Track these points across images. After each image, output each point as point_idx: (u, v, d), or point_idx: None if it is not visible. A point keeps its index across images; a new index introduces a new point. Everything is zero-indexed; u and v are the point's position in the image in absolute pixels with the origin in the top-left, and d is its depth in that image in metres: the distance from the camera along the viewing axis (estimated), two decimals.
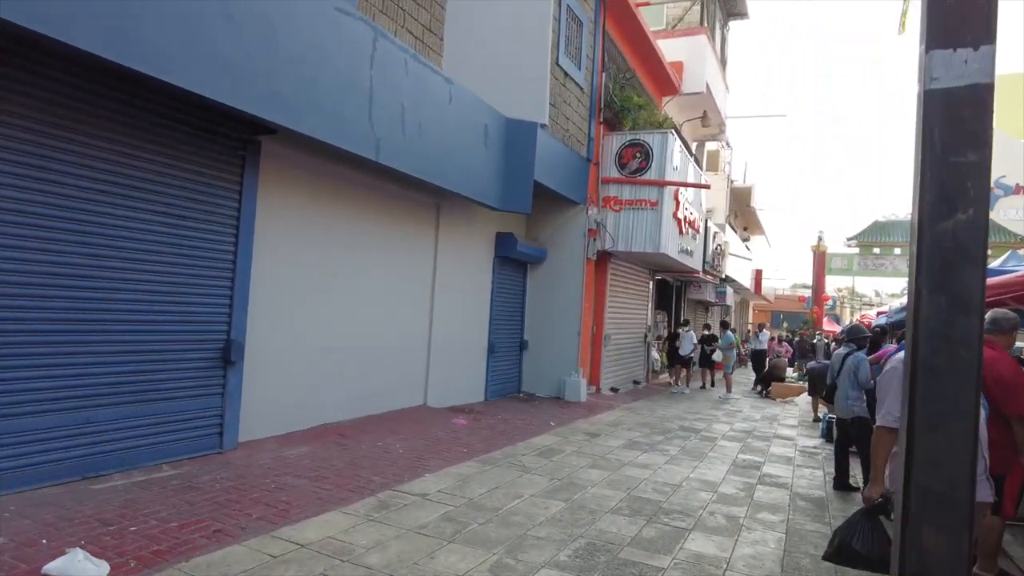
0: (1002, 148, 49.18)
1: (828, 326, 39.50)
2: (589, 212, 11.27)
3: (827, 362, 14.39)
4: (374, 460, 5.96)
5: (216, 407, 5.65)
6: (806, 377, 16.19)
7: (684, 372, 14.95)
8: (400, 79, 6.80)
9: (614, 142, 11.81)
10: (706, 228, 15.73)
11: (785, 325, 49.10)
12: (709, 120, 18.07)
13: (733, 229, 25.74)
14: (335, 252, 7.20)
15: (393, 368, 8.18)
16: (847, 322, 48.69)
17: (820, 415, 11.31)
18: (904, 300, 14.19)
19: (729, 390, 14.44)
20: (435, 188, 8.03)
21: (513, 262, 10.95)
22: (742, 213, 32.85)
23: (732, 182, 29.96)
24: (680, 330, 15.12)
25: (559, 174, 10.22)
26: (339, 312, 7.28)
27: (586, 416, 9.61)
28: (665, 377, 16.39)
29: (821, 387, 11.57)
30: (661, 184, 11.40)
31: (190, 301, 5.44)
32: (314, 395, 6.92)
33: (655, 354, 16.64)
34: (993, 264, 7.19)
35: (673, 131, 11.68)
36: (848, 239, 40.40)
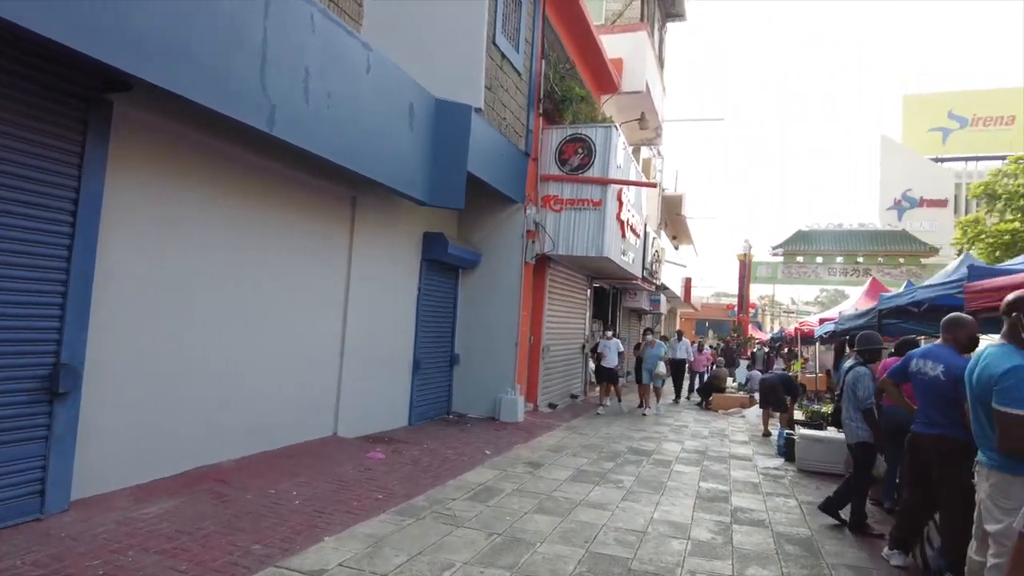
0: (909, 163, 51.80)
1: (754, 334, 40.20)
2: (527, 212, 10.20)
3: (782, 372, 13.91)
4: (259, 517, 4.60)
5: (36, 456, 4.16)
6: (746, 387, 15.70)
7: (611, 388, 12.70)
8: (304, 36, 5.50)
9: (554, 136, 10.80)
10: (645, 233, 14.98)
11: (711, 333, 49.91)
12: (647, 123, 17.39)
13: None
14: (218, 250, 5.78)
15: (295, 393, 6.79)
16: (773, 330, 49.92)
17: (772, 430, 10.63)
18: (845, 306, 13.84)
19: (646, 404, 12.86)
20: (350, 176, 6.74)
21: (443, 266, 9.73)
22: (672, 222, 32.75)
23: (664, 190, 29.80)
24: (601, 340, 12.95)
25: (495, 167, 9.09)
26: (221, 326, 5.85)
27: (525, 440, 8.48)
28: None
29: (772, 400, 10.96)
30: (605, 182, 10.47)
31: None
32: (186, 430, 5.47)
33: (593, 365, 15.73)
34: (944, 271, 6.61)
35: (617, 126, 10.79)
36: (773, 248, 41.30)
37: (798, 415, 14.06)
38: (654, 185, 12.12)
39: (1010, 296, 3.12)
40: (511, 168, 9.68)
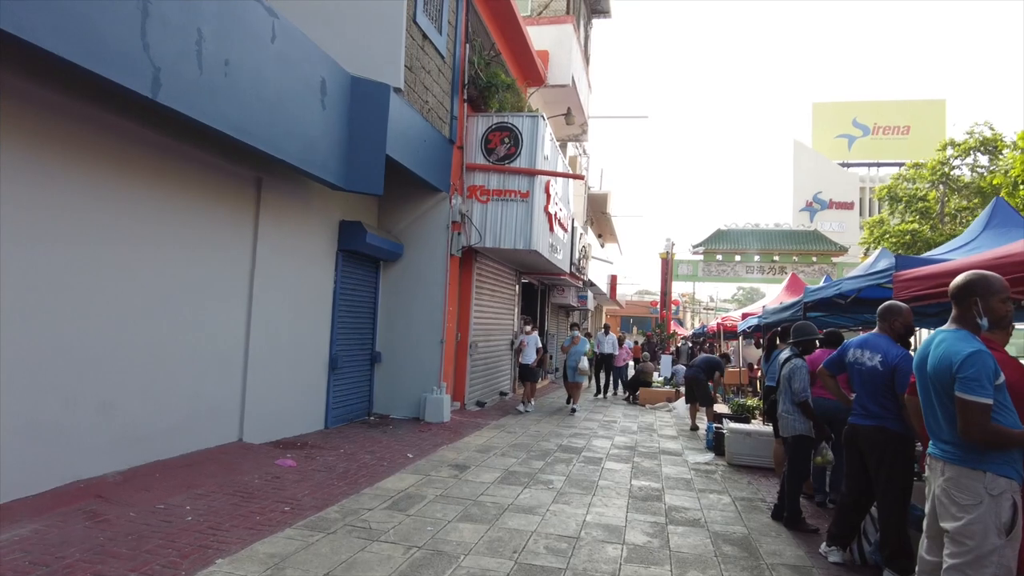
0: (819, 167, 54.45)
1: (676, 330, 41.19)
2: (453, 202, 9.75)
3: (705, 356, 13.95)
4: (140, 539, 3.97)
5: None
6: (672, 381, 15.81)
7: (528, 387, 11.82)
8: None
9: (479, 124, 10.40)
10: (573, 228, 14.82)
11: (636, 329, 50.87)
12: (573, 118, 17.23)
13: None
14: (102, 236, 5.05)
15: (193, 395, 6.09)
16: (695, 326, 51.26)
17: (699, 424, 10.62)
18: (769, 302, 14.14)
19: (575, 400, 12.33)
20: (254, 156, 6.13)
21: (362, 258, 9.14)
22: (598, 220, 33.04)
23: (589, 188, 29.97)
24: (520, 335, 12.23)
25: (418, 153, 8.60)
26: (105, 320, 5.12)
27: (451, 440, 8.03)
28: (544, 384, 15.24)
29: (698, 394, 10.97)
30: (532, 173, 10.15)
31: None
32: (59, 438, 4.73)
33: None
34: (864, 265, 6.66)
35: (544, 116, 10.50)
36: (693, 246, 42.41)
37: (723, 408, 14.26)
38: (582, 177, 11.95)
39: (960, 279, 2.94)
40: (435, 155, 9.21)
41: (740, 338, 14.88)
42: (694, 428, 10.72)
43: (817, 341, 6.05)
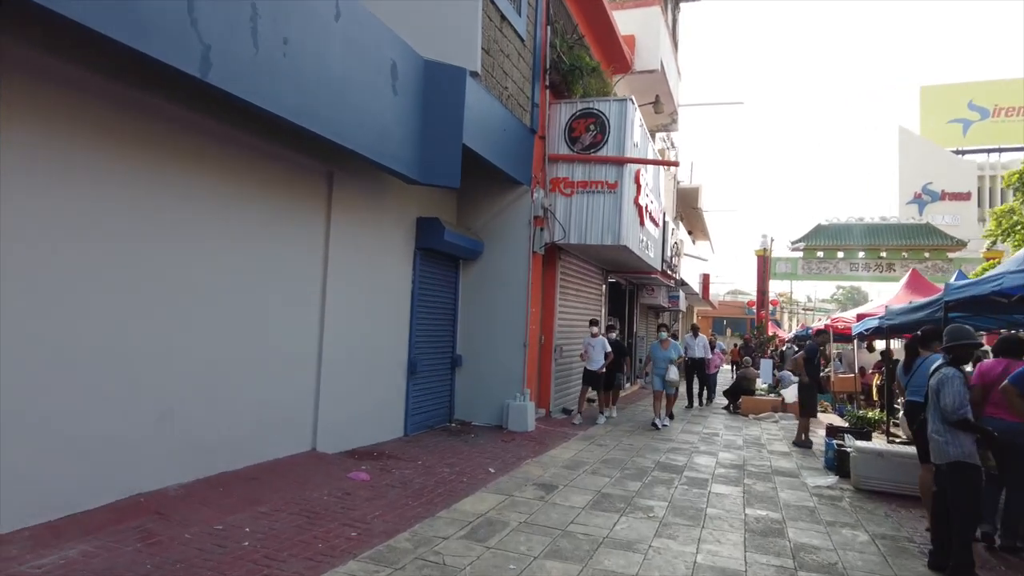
0: (928, 156, 50.20)
1: (773, 331, 38.91)
2: (535, 196, 9.10)
3: (810, 344, 12.56)
4: (189, 567, 3.53)
5: None
6: (777, 389, 14.48)
7: (602, 396, 10.66)
8: None
9: (563, 112, 9.70)
10: (664, 222, 13.84)
11: (729, 331, 48.53)
12: (662, 106, 16.23)
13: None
14: (162, 233, 4.74)
15: (261, 402, 5.73)
16: (792, 328, 48.38)
17: (808, 438, 9.46)
18: (889, 301, 12.63)
19: (666, 414, 10.71)
20: (323, 147, 5.73)
21: (441, 256, 8.65)
22: (688, 216, 31.58)
23: (679, 183, 28.65)
24: (586, 337, 10.26)
25: (497, 143, 8.02)
26: (168, 323, 4.81)
27: (536, 453, 7.37)
28: (634, 391, 14.35)
29: (804, 398, 9.77)
30: (621, 161, 9.35)
31: None
32: (117, 449, 4.42)
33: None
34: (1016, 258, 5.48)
35: (632, 99, 9.67)
36: (792, 243, 39.88)
37: (838, 421, 12.88)
38: (676, 163, 10.96)
39: None
40: (515, 145, 8.59)
41: (856, 341, 13.41)
42: (804, 442, 9.56)
43: (978, 349, 4.95)
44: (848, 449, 7.25)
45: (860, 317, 12.21)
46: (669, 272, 15.72)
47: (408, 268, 7.99)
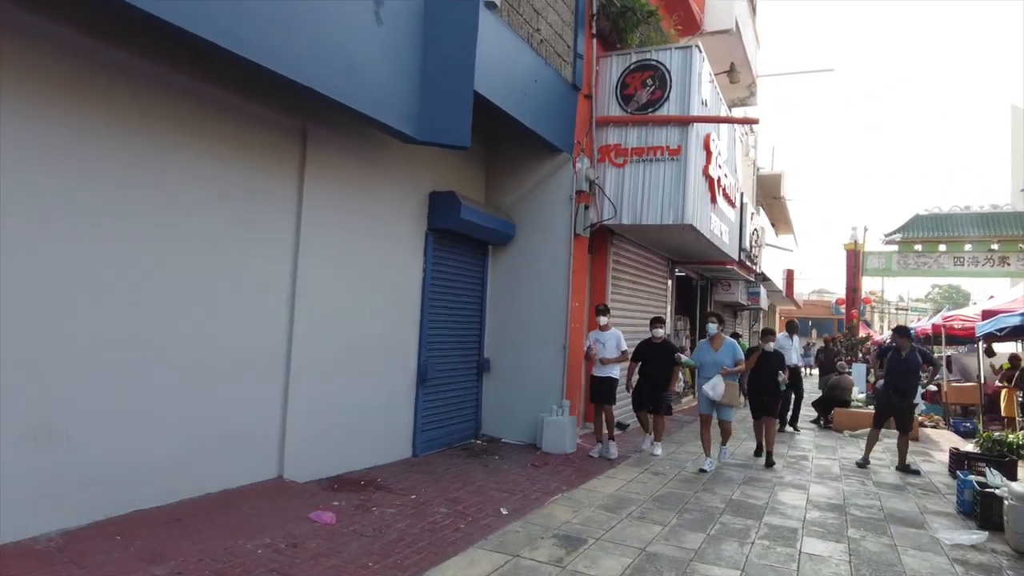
0: None
1: (864, 332, 35.59)
2: (578, 166, 7.52)
3: (919, 349, 10.45)
4: None
5: None
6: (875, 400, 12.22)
7: (643, 419, 7.75)
8: None
9: (614, 66, 8.07)
10: (742, 203, 11.90)
11: (814, 332, 44.94)
12: (738, 75, 14.24)
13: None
14: (81, 205, 3.52)
15: (201, 415, 4.45)
16: (886, 329, 44.42)
17: (911, 462, 7.52)
18: (1007, 299, 10.28)
19: (721, 451, 7.41)
20: (289, 93, 4.47)
21: (461, 240, 7.21)
22: (769, 206, 28.99)
23: (759, 169, 26.24)
24: (593, 332, 7.39)
25: (527, 97, 6.51)
26: (49, 311, 3.57)
27: (570, 485, 5.81)
28: (692, 401, 12.47)
29: (895, 413, 7.83)
30: (685, 121, 7.63)
31: None
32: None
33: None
34: None
35: (699, 47, 7.91)
36: (886, 235, 36.17)
37: (955, 439, 10.62)
38: (756, 120, 9.06)
39: None
40: (552, 103, 7.05)
41: (980, 344, 11.08)
42: (906, 468, 7.59)
43: None
44: (997, 491, 5.32)
45: (988, 314, 9.94)
46: (748, 264, 13.71)
47: (418, 253, 6.59)
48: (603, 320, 7.23)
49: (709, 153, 8.17)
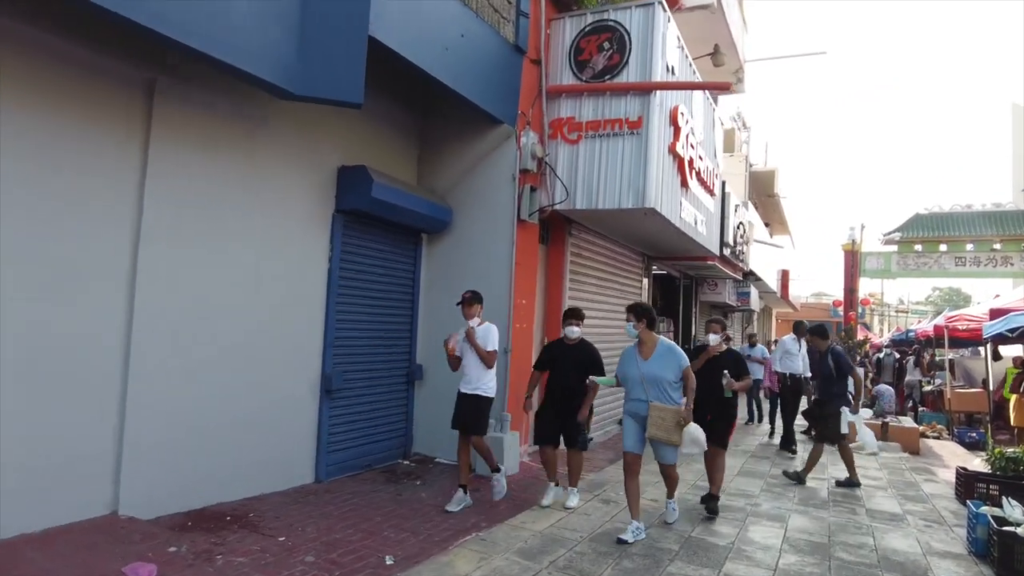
0: None
1: (862, 335, 34.58)
2: (522, 142, 6.48)
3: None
4: None
5: None
6: (875, 409, 11.14)
7: (544, 456, 5.46)
8: None
9: (567, 29, 7.03)
10: (723, 192, 10.86)
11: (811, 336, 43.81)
12: (722, 58, 13.22)
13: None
14: None
15: (10, 433, 3.41)
16: (884, 333, 43.41)
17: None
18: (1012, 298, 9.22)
19: (668, 505, 5.17)
20: (130, 37, 3.41)
21: (383, 225, 6.16)
22: (763, 204, 28.00)
23: (751, 165, 25.25)
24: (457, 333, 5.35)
25: (449, 54, 5.48)
26: None
27: (494, 521, 4.75)
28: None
29: (819, 425, 6.89)
30: (646, 89, 6.59)
31: None
32: None
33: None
34: None
35: (663, 4, 6.87)
36: (884, 235, 35.09)
37: (961, 452, 9.57)
38: (728, 86, 7.90)
39: None
40: (486, 65, 6.01)
41: (988, 346, 9.99)
42: (853, 483, 6.64)
43: None
44: (1019, 530, 4.27)
45: (996, 314, 8.89)
46: (734, 261, 12.65)
47: (322, 238, 5.55)
48: (473, 310, 5.18)
49: (677, 129, 7.12)
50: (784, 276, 27.95)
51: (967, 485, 5.96)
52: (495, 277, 6.42)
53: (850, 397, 7.10)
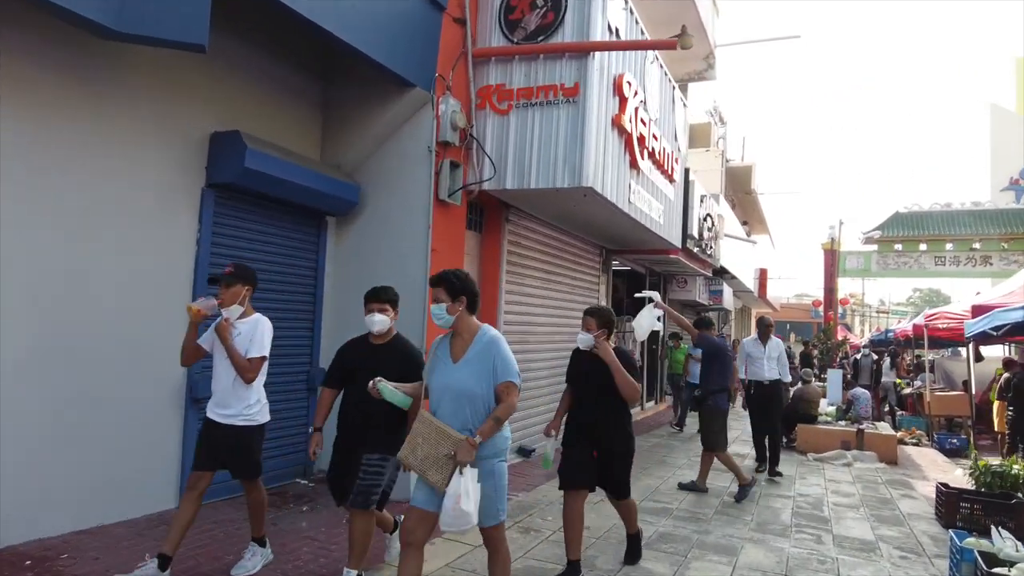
0: None
1: (841, 335, 34.15)
2: (441, 110, 5.61)
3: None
4: None
5: None
6: (849, 414, 10.36)
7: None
8: None
9: None
10: (687, 180, 10.05)
11: (794, 336, 43.38)
12: (690, 40, 12.33)
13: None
14: None
15: None
16: (864, 334, 43.09)
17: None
18: (1003, 294, 8.51)
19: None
20: None
21: (271, 204, 5.26)
22: (740, 202, 27.38)
23: (728, 161, 24.58)
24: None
25: (354, 10, 4.61)
26: None
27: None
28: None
29: (703, 427, 6.10)
30: (584, 49, 5.75)
31: None
32: None
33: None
34: None
35: None
36: (864, 234, 34.67)
37: (941, 460, 8.86)
38: (674, 44, 7.03)
39: None
40: (394, 18, 5.13)
41: (971, 346, 9.24)
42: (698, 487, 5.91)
43: None
44: (1011, 572, 3.46)
45: (979, 311, 8.14)
46: (700, 255, 11.86)
47: (188, 218, 4.63)
48: (233, 293, 3.47)
49: (623, 99, 6.29)
50: (762, 275, 27.34)
51: (949, 505, 5.18)
52: (409, 268, 5.53)
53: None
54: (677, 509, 5.51)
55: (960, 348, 19.15)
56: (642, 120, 6.88)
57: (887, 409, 13.55)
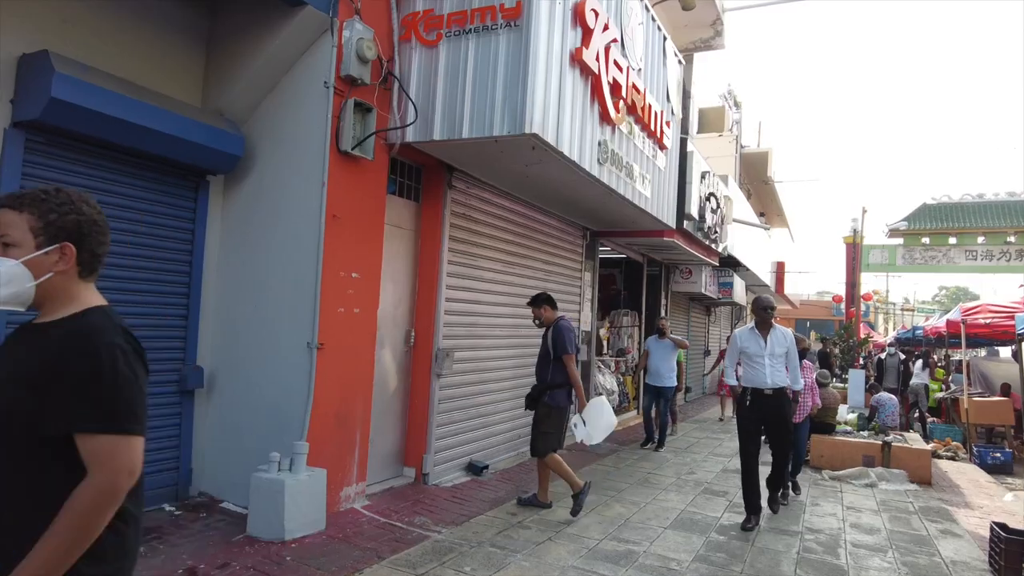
0: None
1: (864, 333, 32.43)
2: (345, 37, 4.39)
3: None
4: None
5: None
6: (873, 423, 8.95)
7: None
8: None
9: None
10: (684, 151, 8.70)
11: (813, 334, 41.60)
12: (691, 2, 11.05)
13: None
14: None
15: None
16: (888, 332, 41.23)
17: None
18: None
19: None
20: None
21: (118, 155, 4.06)
22: (757, 192, 25.84)
23: (743, 147, 23.11)
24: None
25: None
26: None
27: None
28: (631, 418, 9.21)
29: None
30: None
31: None
32: None
33: (604, 381, 9.62)
34: None
35: None
36: (889, 227, 32.84)
37: (985, 479, 7.51)
38: None
39: None
40: None
41: (1020, 344, 7.86)
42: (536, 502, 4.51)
43: None
44: None
45: None
46: (703, 240, 10.50)
47: None
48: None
49: (588, 30, 5.00)
50: (780, 269, 25.83)
51: (1011, 557, 3.85)
52: (302, 238, 4.33)
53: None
54: (648, 550, 4.25)
55: (998, 347, 17.47)
56: (617, 64, 5.59)
57: (916, 415, 12.08)
